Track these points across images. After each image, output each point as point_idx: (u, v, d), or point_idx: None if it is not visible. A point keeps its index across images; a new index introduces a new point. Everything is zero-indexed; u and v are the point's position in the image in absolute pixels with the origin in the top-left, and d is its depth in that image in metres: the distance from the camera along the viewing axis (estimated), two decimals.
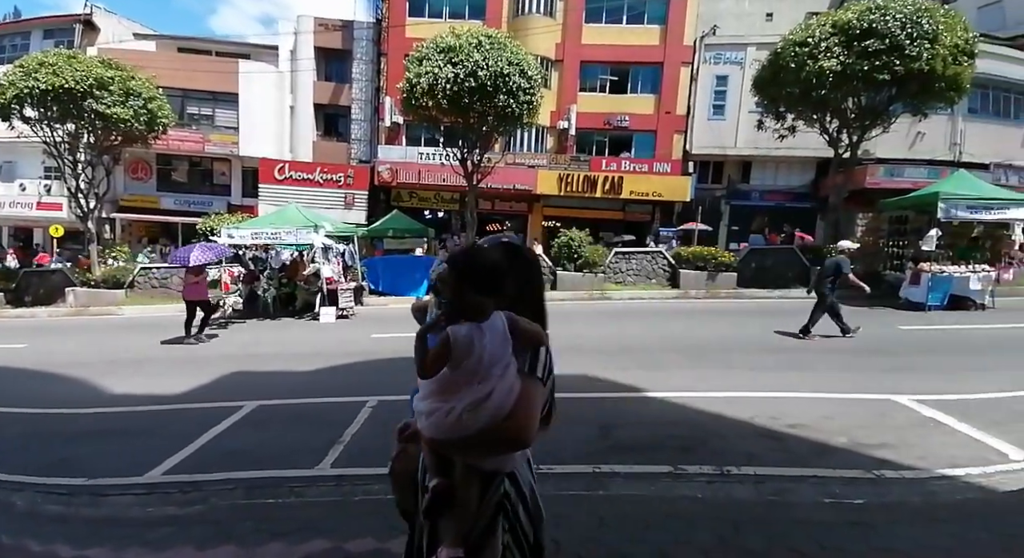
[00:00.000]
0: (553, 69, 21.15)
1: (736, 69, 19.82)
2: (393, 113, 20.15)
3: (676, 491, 3.28)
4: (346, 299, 11.09)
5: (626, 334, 8.65)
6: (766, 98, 13.51)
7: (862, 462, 3.68)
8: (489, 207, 21.16)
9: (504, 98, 12.10)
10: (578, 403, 5.19)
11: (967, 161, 17.50)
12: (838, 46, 10.94)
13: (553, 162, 20.67)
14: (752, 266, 13.15)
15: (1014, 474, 3.40)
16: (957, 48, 10.83)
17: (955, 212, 9.60)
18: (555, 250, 13.94)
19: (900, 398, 4.89)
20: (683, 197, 19.82)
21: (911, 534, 2.68)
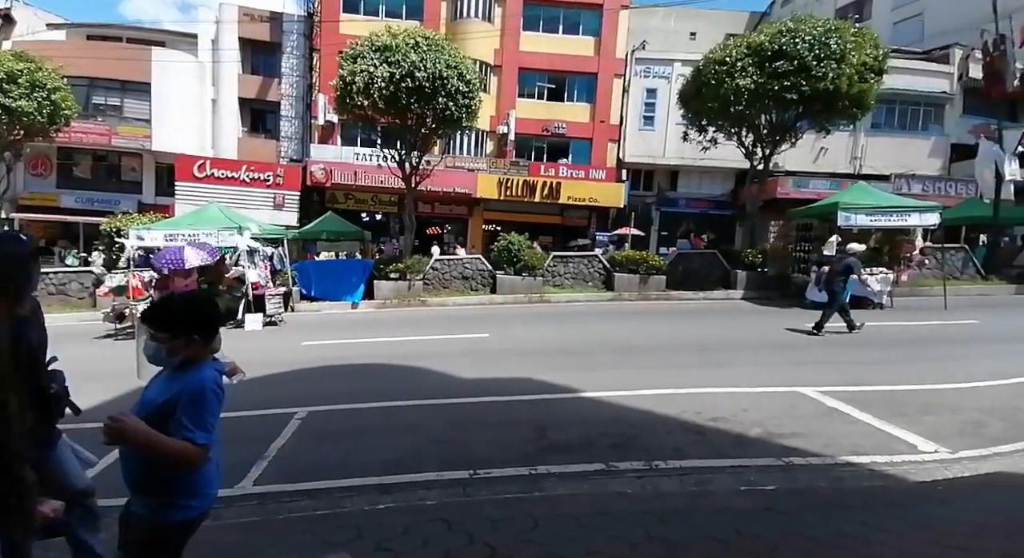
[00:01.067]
0: (492, 74, 21.32)
1: (664, 83, 20.93)
2: (327, 111, 19.42)
3: (608, 488, 3.40)
4: (274, 305, 10.53)
5: (564, 336, 8.84)
6: (690, 112, 14.35)
7: (774, 451, 3.99)
8: (429, 210, 20.94)
9: (443, 101, 12.02)
10: (516, 406, 5.24)
11: (868, 173, 19.49)
12: (752, 66, 11.86)
13: (493, 166, 20.80)
14: (680, 269, 13.90)
15: (924, 465, 3.71)
16: (865, 66, 11.85)
17: (854, 220, 10.68)
18: (495, 254, 14.01)
19: (806, 390, 5.35)
20: (617, 203, 20.63)
21: (820, 519, 2.89)
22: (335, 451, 4.27)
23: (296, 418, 4.94)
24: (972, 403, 4.93)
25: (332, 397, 5.57)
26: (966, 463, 3.70)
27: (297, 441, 4.48)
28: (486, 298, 13.18)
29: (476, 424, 4.76)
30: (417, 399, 5.42)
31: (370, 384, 6.15)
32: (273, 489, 3.64)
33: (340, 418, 5.04)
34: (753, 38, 12.44)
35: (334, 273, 13.14)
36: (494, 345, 8.20)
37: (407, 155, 13.40)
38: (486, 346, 8.17)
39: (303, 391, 5.87)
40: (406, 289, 13.07)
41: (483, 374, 6.39)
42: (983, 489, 3.28)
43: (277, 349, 8.29)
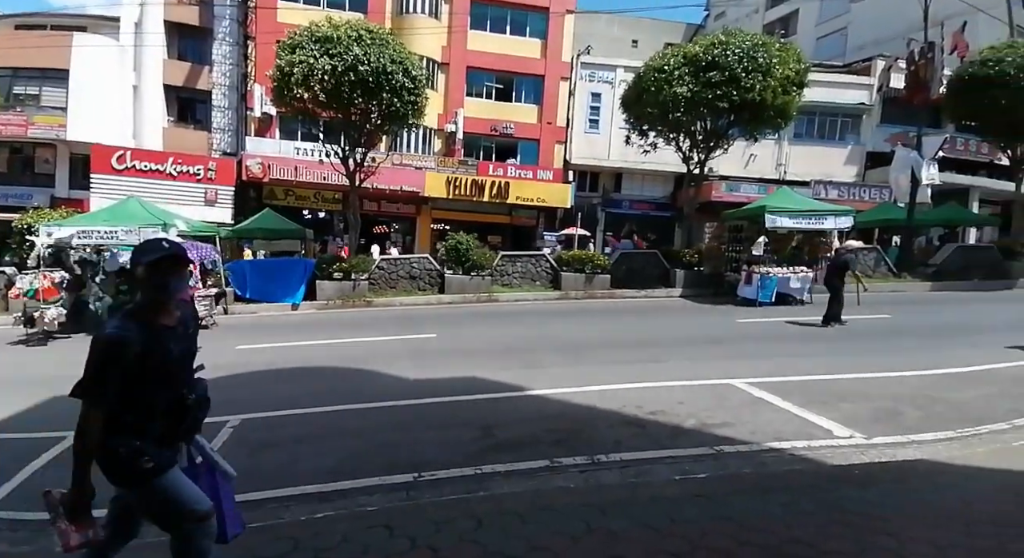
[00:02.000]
0: (440, 71, 21.11)
1: (608, 88, 21.54)
2: (264, 102, 18.50)
3: (552, 483, 3.46)
4: (204, 307, 9.92)
5: (511, 335, 8.91)
6: (632, 116, 14.85)
7: (707, 440, 4.21)
8: (375, 208, 20.44)
9: (388, 96, 11.78)
10: (463, 406, 5.23)
11: (791, 179, 20.94)
12: (688, 75, 12.46)
13: (441, 165, 20.62)
14: (623, 268, 14.35)
15: (840, 449, 4.01)
16: (788, 79, 12.67)
17: (778, 222, 11.49)
18: (443, 253, 13.89)
19: (736, 382, 5.69)
20: (564, 204, 21.01)
21: (745, 504, 3.07)
22: (271, 460, 4.09)
23: (228, 426, 4.69)
24: (884, 392, 5.39)
25: (268, 403, 5.34)
26: (882, 449, 4.01)
27: (229, 451, 4.24)
28: (434, 298, 13.05)
29: (422, 426, 4.71)
30: (361, 402, 5.29)
31: (310, 388, 5.93)
32: None
33: (277, 425, 4.83)
34: (689, 48, 13.07)
35: (272, 273, 12.55)
36: (441, 345, 8.14)
37: (351, 151, 13.02)
38: (433, 346, 8.09)
39: (236, 398, 5.57)
40: (351, 289, 12.70)
41: (430, 375, 6.32)
42: (906, 476, 3.50)
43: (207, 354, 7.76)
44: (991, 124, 15.63)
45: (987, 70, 14.58)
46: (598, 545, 2.66)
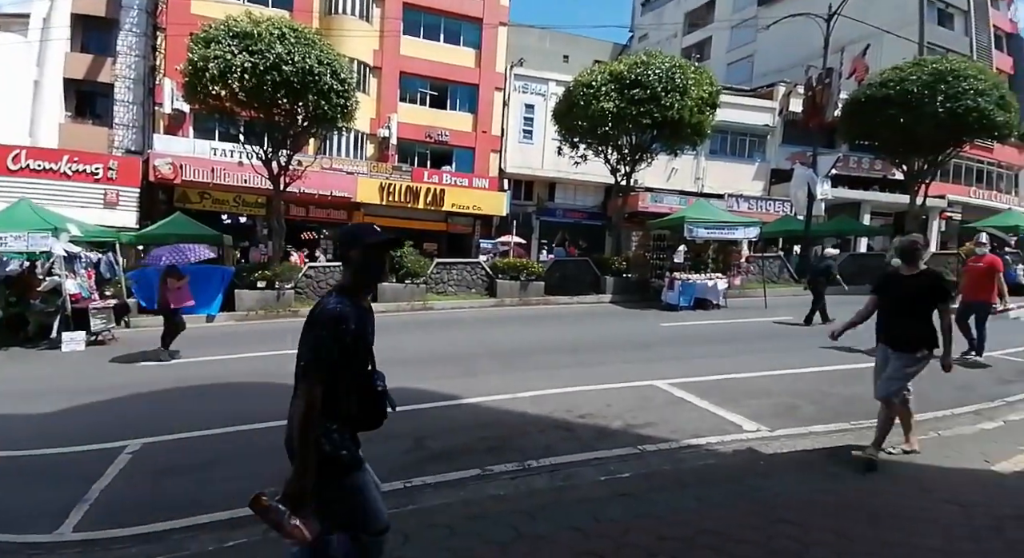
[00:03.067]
0: (372, 75, 20.67)
1: (540, 100, 22.12)
2: (175, 98, 17.14)
3: (483, 492, 3.46)
4: (101, 321, 8.98)
5: (446, 343, 8.83)
6: (563, 128, 15.34)
7: (631, 440, 4.40)
8: (303, 213, 19.53)
9: (315, 98, 11.36)
10: (395, 418, 5.02)
11: (708, 192, 22.49)
12: (614, 92, 13.10)
13: (374, 170, 20.11)
14: (557, 275, 14.71)
15: (748, 442, 4.32)
16: (703, 100, 13.63)
17: (696, 232, 12.32)
18: None
19: (659, 383, 6.00)
20: (500, 212, 21.21)
21: (664, 499, 3.24)
22: (177, 486, 3.78)
23: (127, 452, 4.28)
24: (785, 388, 5.90)
25: (175, 425, 4.92)
26: (784, 440, 4.37)
27: (129, 478, 3.88)
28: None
29: None
30: (282, 420, 4.99)
31: (225, 407, 5.54)
32: (98, 535, 3.12)
33: (184, 448, 4.47)
34: (614, 66, 13.75)
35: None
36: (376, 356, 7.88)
37: (274, 153, 12.38)
38: None
39: (137, 420, 5.10)
40: (274, 299, 12.02)
41: None
42: (805, 466, 3.80)
43: (105, 372, 7.11)
44: (887, 142, 17.09)
45: (886, 90, 15.83)
46: (526, 551, 2.70)
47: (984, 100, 14.89)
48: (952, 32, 28.13)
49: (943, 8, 28.09)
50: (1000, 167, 28.47)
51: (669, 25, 41.36)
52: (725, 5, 38.00)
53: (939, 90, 14.97)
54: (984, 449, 3.98)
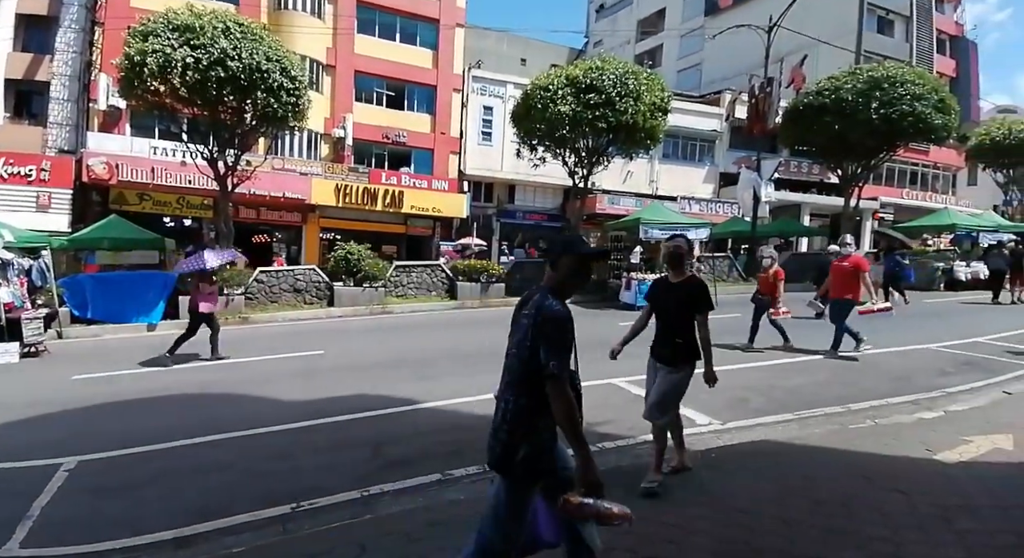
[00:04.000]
0: (325, 74, 20.13)
1: (499, 102, 22.17)
2: (111, 94, 16.11)
3: (444, 497, 3.42)
4: (33, 331, 8.33)
5: (405, 347, 8.68)
6: (521, 131, 15.43)
7: (591, 438, 4.34)
8: (254, 216, 18.78)
9: (263, 96, 10.95)
10: (352, 425, 4.97)
11: (662, 194, 23.17)
12: (570, 96, 13.30)
13: (330, 171, 19.57)
14: (517, 277, 14.77)
15: (701, 436, 4.48)
16: (655, 106, 14.04)
17: (651, 233, 12.69)
18: (332, 264, 13.16)
19: (618, 381, 6.11)
20: (460, 213, 21.10)
21: (621, 496, 3.28)
22: (117, 505, 3.54)
23: (63, 469, 3.98)
24: (736, 383, 6.12)
25: (114, 441, 4.61)
26: (734, 432, 4.56)
27: (64, 499, 3.60)
28: (322, 311, 12.29)
29: (305, 450, 4.39)
30: (233, 431, 4.79)
31: (169, 421, 5.23)
32: (47, 553, 2.94)
33: (126, 465, 4.19)
34: (570, 70, 13.96)
35: (123, 289, 10.86)
36: (330, 362, 7.67)
37: (220, 152, 11.84)
38: (321, 364, 7.60)
39: (74, 436, 4.75)
40: (223, 305, 11.45)
41: (316, 395, 5.92)
42: (753, 456, 3.94)
43: (38, 385, 6.60)
44: (824, 148, 18.20)
45: (822, 99, 16.85)
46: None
47: (921, 104, 15.88)
48: (892, 39, 29.78)
49: (883, 16, 29.65)
50: (936, 168, 30.64)
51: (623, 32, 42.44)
52: (675, 14, 39.36)
53: (874, 97, 15.96)
54: (924, 438, 4.15)
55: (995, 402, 5.21)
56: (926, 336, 8.48)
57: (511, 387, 2.02)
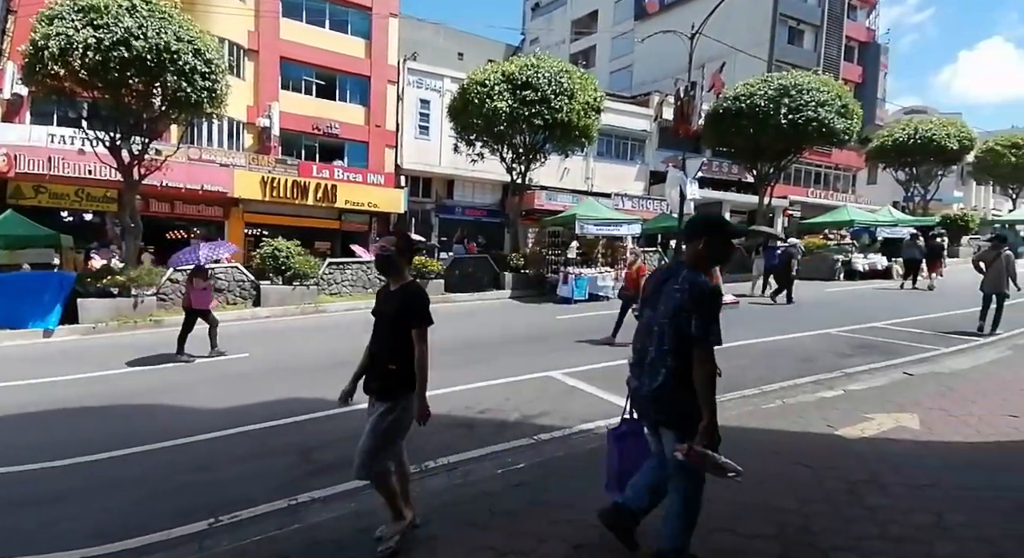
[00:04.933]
0: (247, 58, 18.90)
1: (436, 95, 21.84)
2: (15, 82, 14.37)
3: (377, 500, 3.32)
4: None
5: (337, 347, 8.35)
6: (459, 126, 15.31)
7: (528, 431, 4.54)
8: (167, 210, 17.35)
9: (174, 79, 10.10)
10: (279, 431, 4.74)
11: (597, 191, 23.86)
12: (507, 92, 13.36)
13: (255, 163, 18.41)
14: (456, 273, 14.68)
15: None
16: (588, 105, 14.43)
17: (586, 229, 13.07)
18: (258, 261, 12.42)
19: (554, 373, 6.26)
20: (397, 209, 20.59)
21: (557, 485, 3.38)
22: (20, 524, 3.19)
23: None
24: None
25: (17, 455, 4.11)
26: None
27: None
28: (247, 312, 11.58)
29: (226, 460, 4.13)
30: (146, 444, 4.42)
31: (71, 435, 4.74)
32: None
33: (27, 481, 3.76)
34: (506, 66, 14.03)
35: (11, 291, 9.67)
36: (256, 366, 7.25)
37: (124, 139, 10.79)
38: (245, 368, 7.17)
39: None
40: (131, 308, 10.51)
41: (240, 401, 5.58)
42: None
43: None
44: (741, 149, 19.77)
45: (738, 104, 18.32)
46: (421, 554, 2.65)
47: (825, 110, 17.53)
48: (802, 48, 32.34)
49: (795, 26, 32.17)
50: (838, 169, 33.62)
51: (558, 31, 43.14)
52: (607, 17, 40.55)
53: (783, 104, 17.42)
54: (826, 416, 4.51)
55: (895, 382, 5.63)
56: (828, 321, 9.34)
57: (671, 353, 2.22)
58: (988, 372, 5.98)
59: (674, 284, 2.25)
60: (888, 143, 25.22)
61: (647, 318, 2.38)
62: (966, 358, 6.69)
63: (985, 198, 39.33)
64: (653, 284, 2.41)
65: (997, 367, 6.18)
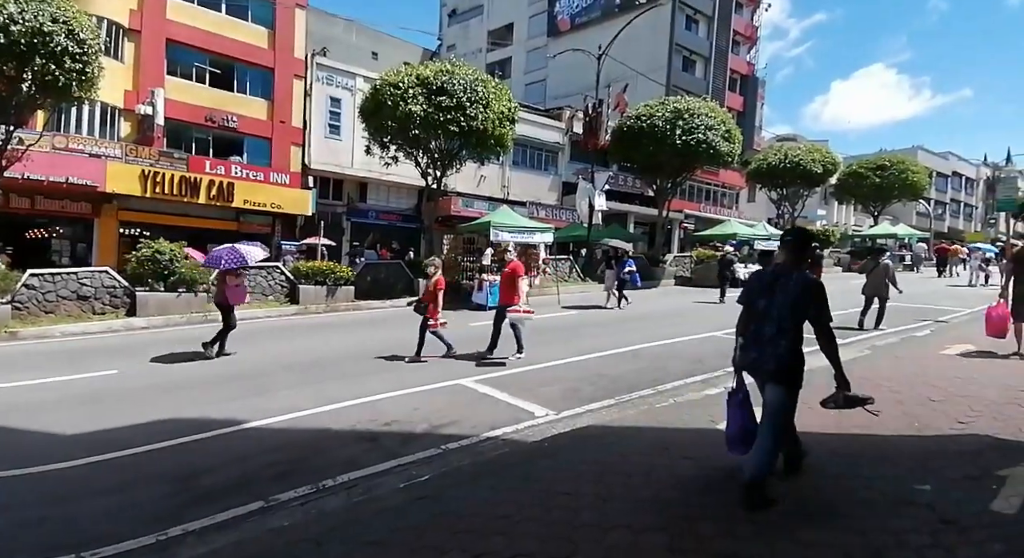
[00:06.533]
0: (127, 39, 16.94)
1: (348, 94, 21.02)
2: None
3: (264, 526, 3.09)
4: None
5: (233, 359, 7.69)
6: (371, 127, 14.85)
7: (435, 441, 4.48)
8: (26, 206, 15.02)
9: (43, 62, 8.88)
10: (153, 457, 4.25)
11: (513, 199, 24.30)
12: (421, 96, 13.21)
13: (133, 155, 16.45)
14: (368, 279, 14.16)
15: (538, 427, 4.75)
16: (503, 114, 14.68)
17: (501, 236, 13.26)
18: (134, 265, 11.09)
19: (465, 381, 6.25)
20: (305, 211, 19.47)
21: (461, 494, 3.34)
22: None
23: None
24: (570, 374, 6.71)
25: None
26: (567, 421, 4.94)
27: None
28: (119, 323, 10.27)
29: (90, 491, 3.64)
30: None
31: None
32: None
33: None
34: (421, 70, 13.88)
35: None
36: (128, 383, 6.45)
37: None
38: (115, 385, 6.35)
39: None
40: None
41: (107, 424, 4.93)
42: (581, 441, 4.26)
43: None
44: (642, 165, 21.32)
45: (640, 124, 19.80)
46: None
47: (713, 134, 19.46)
48: (694, 76, 35.52)
49: (687, 56, 35.29)
50: (724, 187, 37.18)
51: (474, 40, 43.57)
52: (522, 31, 41.71)
53: (678, 125, 19.08)
54: (710, 411, 4.88)
55: None
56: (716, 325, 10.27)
57: (784, 331, 3.06)
58: (847, 369, 6.85)
59: (789, 282, 3.08)
60: (763, 166, 28.61)
61: (763, 307, 3.15)
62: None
63: (846, 215, 45.56)
64: (760, 283, 3.25)
65: (856, 365, 7.00)
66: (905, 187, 32.31)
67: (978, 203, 58.97)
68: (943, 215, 51.96)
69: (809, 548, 2.68)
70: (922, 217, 45.03)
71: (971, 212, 57.97)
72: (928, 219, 43.71)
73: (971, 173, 57.73)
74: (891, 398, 4.94)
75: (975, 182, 58.38)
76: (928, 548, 2.62)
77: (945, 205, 53.40)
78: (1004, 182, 10.41)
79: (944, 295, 15.27)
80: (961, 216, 56.26)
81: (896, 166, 32.36)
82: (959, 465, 3.60)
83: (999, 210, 43.95)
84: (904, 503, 3.10)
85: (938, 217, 49.39)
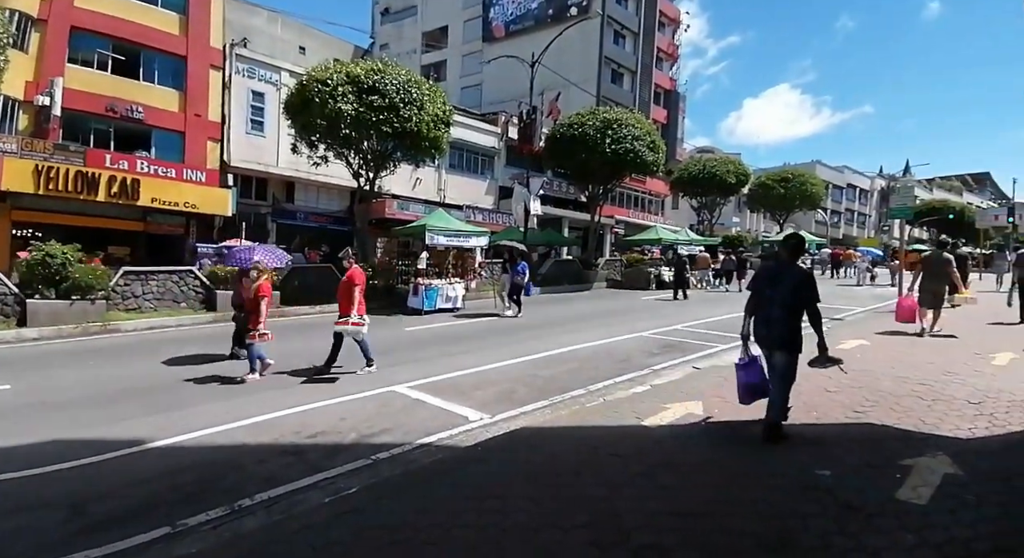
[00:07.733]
0: (34, 29, 15.17)
1: (272, 89, 19.93)
2: None
3: (171, 553, 2.84)
4: None
5: (136, 374, 7.01)
6: (298, 125, 14.16)
7: (365, 451, 4.31)
8: None
9: None
10: (44, 481, 3.78)
11: (449, 202, 24.09)
12: (352, 94, 12.78)
13: (27, 148, 14.60)
14: (295, 283, 13.46)
15: (472, 432, 4.70)
16: (438, 117, 14.51)
17: (436, 240, 13.10)
18: (23, 271, 9.83)
19: (398, 387, 6.09)
20: (223, 211, 18.14)
21: (392, 506, 3.22)
22: None
23: None
24: (506, 377, 6.73)
25: None
26: (501, 424, 4.92)
27: None
28: (10, 333, 9.07)
29: None
30: None
31: None
32: None
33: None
34: (351, 68, 13.44)
35: None
36: (14, 400, 5.69)
37: None
38: (2, 402, 5.58)
39: None
40: None
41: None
42: (514, 444, 4.27)
43: None
44: (575, 172, 22.04)
45: (572, 131, 20.46)
46: None
47: (639, 144, 20.49)
48: (622, 89, 37.16)
49: (616, 69, 36.90)
50: (651, 195, 39.03)
51: (408, 40, 42.89)
52: (456, 34, 41.63)
53: (607, 134, 19.91)
54: (635, 408, 5.11)
55: (687, 375, 6.60)
56: (643, 326, 10.77)
57: (791, 312, 4.11)
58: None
59: (790, 273, 4.18)
60: (685, 176, 30.58)
61: (769, 294, 4.17)
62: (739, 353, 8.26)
63: (757, 223, 49.46)
64: (768, 275, 4.34)
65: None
66: (805, 198, 35.80)
67: (871, 212, 65.96)
68: (839, 223, 57.65)
69: (724, 534, 2.85)
70: (820, 225, 49.80)
71: (864, 220, 64.77)
72: (826, 227, 48.45)
73: (865, 185, 64.51)
74: None
75: (869, 193, 65.32)
76: (834, 534, 2.81)
77: (840, 214, 59.28)
78: (901, 191, 11.99)
79: (837, 295, 16.90)
80: (855, 224, 62.70)
81: (797, 179, 35.78)
82: (858, 453, 3.96)
83: (892, 217, 49.65)
84: (809, 488, 3.38)
85: (834, 225, 54.73)
